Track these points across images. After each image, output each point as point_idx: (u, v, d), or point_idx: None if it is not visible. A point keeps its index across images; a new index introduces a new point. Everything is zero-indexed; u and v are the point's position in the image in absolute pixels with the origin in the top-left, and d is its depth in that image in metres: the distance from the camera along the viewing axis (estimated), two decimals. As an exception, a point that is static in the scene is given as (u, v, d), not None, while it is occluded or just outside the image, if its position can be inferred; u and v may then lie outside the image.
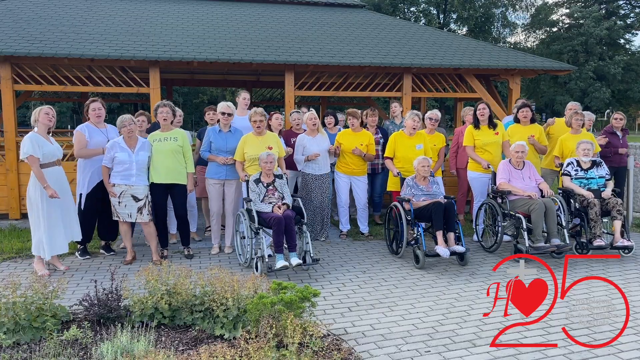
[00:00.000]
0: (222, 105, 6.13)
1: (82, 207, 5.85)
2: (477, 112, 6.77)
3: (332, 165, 7.24)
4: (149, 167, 5.78)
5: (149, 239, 5.79)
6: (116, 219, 5.72)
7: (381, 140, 7.37)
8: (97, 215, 6.00)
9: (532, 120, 6.98)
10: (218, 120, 6.21)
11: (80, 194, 5.87)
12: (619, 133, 7.42)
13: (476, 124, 6.79)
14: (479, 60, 8.78)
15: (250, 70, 10.21)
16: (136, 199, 5.64)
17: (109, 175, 5.68)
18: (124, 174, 5.60)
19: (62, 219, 5.42)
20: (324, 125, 7.44)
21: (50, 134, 5.57)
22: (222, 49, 8.22)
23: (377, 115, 7.54)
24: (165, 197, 5.88)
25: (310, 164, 6.64)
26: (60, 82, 7.98)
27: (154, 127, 6.49)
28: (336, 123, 7.51)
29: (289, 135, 7.02)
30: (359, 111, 6.98)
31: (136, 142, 5.70)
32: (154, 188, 5.78)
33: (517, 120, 6.98)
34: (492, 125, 6.77)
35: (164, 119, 5.82)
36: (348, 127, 7.28)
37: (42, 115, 5.34)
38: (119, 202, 5.62)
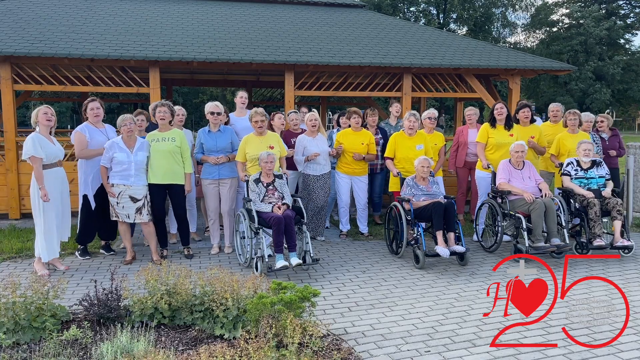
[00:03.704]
0: (211, 106, 6.12)
1: (92, 207, 5.85)
2: (495, 111, 6.77)
3: (333, 165, 7.23)
4: (147, 167, 5.79)
5: (149, 238, 5.78)
6: (115, 219, 5.72)
7: (381, 141, 7.37)
8: (102, 216, 5.99)
9: (532, 121, 6.99)
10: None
11: (85, 195, 5.85)
12: (605, 135, 7.39)
13: (492, 123, 6.80)
14: (479, 60, 8.78)
15: (250, 70, 10.21)
16: (134, 200, 5.63)
17: (107, 175, 5.68)
18: (122, 174, 5.59)
19: (58, 221, 5.42)
20: (338, 125, 7.42)
21: (52, 134, 5.56)
22: (222, 49, 8.22)
23: (377, 115, 7.54)
24: (163, 198, 5.88)
25: (311, 164, 6.64)
26: (60, 82, 7.98)
27: (152, 126, 6.48)
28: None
29: (288, 136, 7.01)
30: (360, 110, 6.99)
31: (135, 142, 5.69)
32: (152, 188, 5.77)
33: (516, 121, 6.98)
34: (508, 126, 6.77)
35: (161, 119, 5.80)
36: (345, 127, 7.28)
37: (41, 115, 5.33)
38: (117, 203, 5.63)
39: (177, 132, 5.92)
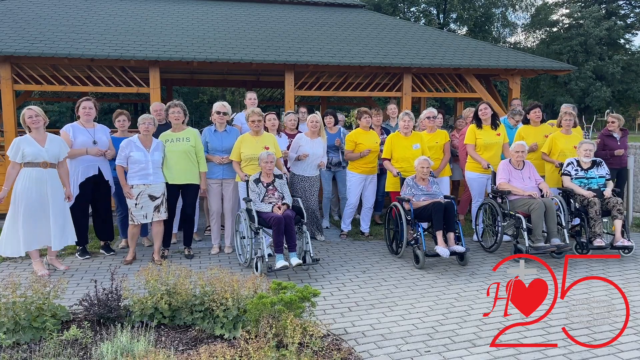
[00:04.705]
0: (218, 105, 6.14)
1: (71, 205, 5.79)
2: (479, 112, 6.76)
3: (336, 164, 7.22)
4: (163, 167, 5.79)
5: (156, 238, 5.78)
6: (131, 222, 5.71)
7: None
8: (87, 216, 5.95)
9: (542, 121, 6.99)
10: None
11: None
12: (616, 135, 7.40)
13: (478, 123, 6.79)
14: (479, 60, 8.78)
15: (250, 70, 10.21)
16: (153, 198, 5.64)
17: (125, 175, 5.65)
18: (141, 174, 5.60)
19: (32, 222, 5.28)
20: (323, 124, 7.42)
21: (47, 135, 5.47)
22: (222, 49, 8.22)
23: (382, 115, 7.54)
24: (177, 198, 5.91)
25: (298, 164, 6.61)
26: (60, 82, 7.98)
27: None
28: (336, 123, 7.49)
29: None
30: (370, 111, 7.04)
31: (151, 142, 5.71)
32: (168, 189, 5.80)
33: (527, 121, 6.97)
34: (494, 125, 6.76)
35: (175, 119, 5.82)
36: (330, 126, 7.32)
37: (27, 120, 5.26)
38: (136, 204, 5.61)
39: (192, 131, 5.92)
